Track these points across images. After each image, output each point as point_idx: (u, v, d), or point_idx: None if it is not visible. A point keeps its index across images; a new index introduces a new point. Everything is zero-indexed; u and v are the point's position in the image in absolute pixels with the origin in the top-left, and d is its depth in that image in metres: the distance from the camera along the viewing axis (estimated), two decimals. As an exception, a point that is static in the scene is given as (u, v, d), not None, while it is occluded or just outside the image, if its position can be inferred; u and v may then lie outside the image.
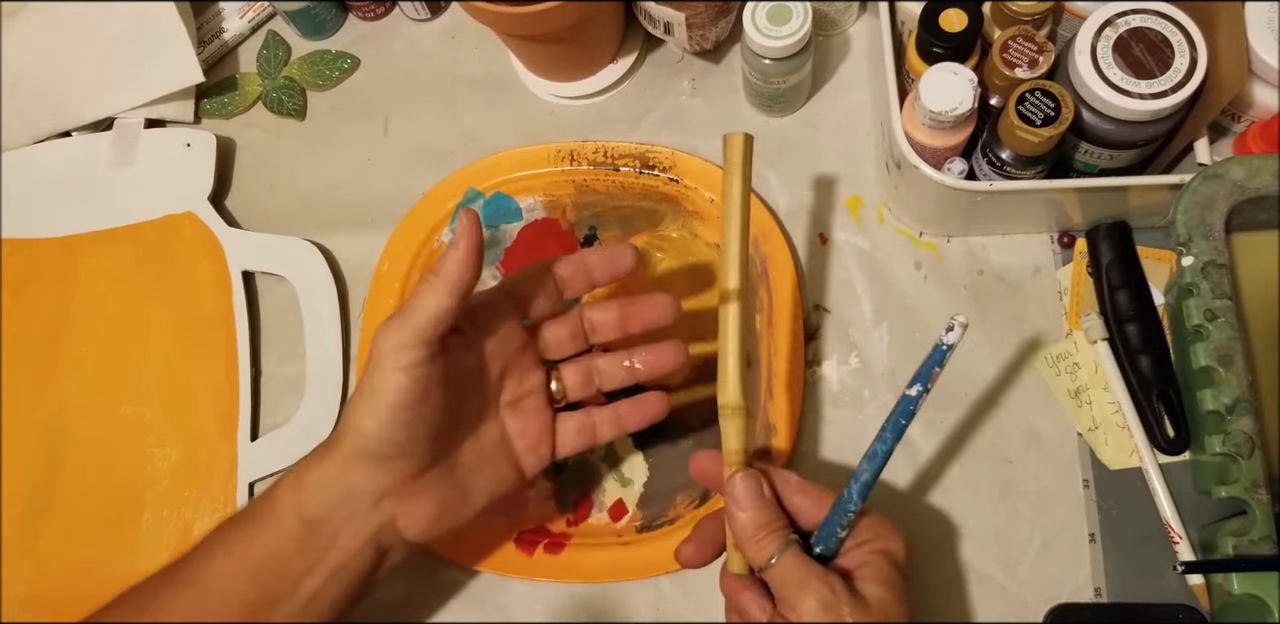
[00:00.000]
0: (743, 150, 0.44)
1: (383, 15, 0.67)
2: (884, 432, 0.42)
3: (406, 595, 0.55)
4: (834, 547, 0.43)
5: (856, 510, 0.42)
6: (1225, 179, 0.49)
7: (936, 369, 0.41)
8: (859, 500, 0.42)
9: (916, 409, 0.42)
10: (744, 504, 0.42)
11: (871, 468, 0.42)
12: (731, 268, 0.44)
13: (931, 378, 0.41)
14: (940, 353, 0.41)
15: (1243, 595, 0.47)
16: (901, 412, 0.42)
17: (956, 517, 0.54)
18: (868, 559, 0.42)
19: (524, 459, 0.49)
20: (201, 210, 0.62)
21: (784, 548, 0.41)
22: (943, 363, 0.41)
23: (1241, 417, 0.48)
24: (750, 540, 0.42)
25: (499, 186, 0.61)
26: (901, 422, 0.42)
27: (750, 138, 0.44)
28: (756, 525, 0.42)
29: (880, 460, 0.42)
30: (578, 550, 0.55)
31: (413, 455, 0.44)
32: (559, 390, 0.50)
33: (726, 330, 0.44)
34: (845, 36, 0.63)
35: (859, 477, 0.42)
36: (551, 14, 0.52)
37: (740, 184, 0.44)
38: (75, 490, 0.58)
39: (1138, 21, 0.48)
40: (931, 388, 0.41)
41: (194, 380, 0.59)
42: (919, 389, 0.41)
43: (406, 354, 0.42)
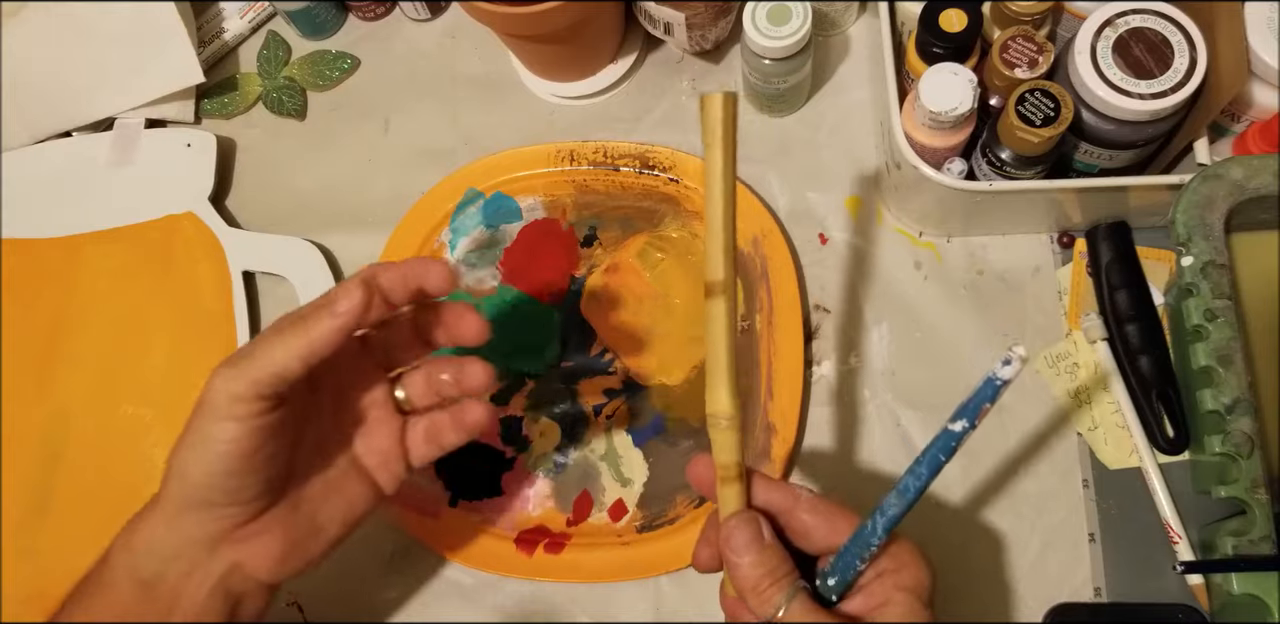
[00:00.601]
0: (724, 114, 0.36)
1: (383, 15, 0.67)
2: (918, 466, 0.37)
3: (407, 595, 0.55)
4: (851, 578, 0.38)
5: (880, 544, 0.38)
6: (1225, 179, 0.49)
7: (987, 405, 0.36)
8: (883, 534, 0.38)
9: (959, 446, 0.37)
10: (742, 551, 0.38)
11: (901, 503, 0.38)
12: (718, 257, 0.38)
13: (980, 414, 0.36)
14: (993, 388, 0.36)
15: (1242, 595, 0.47)
16: (941, 447, 0.37)
17: (956, 516, 0.54)
18: (890, 597, 0.37)
19: (378, 476, 0.45)
20: (202, 210, 0.62)
21: (790, 598, 0.37)
22: (994, 399, 0.36)
23: (1241, 417, 0.48)
24: (752, 592, 0.38)
25: (499, 186, 0.61)
26: (941, 458, 0.37)
27: (733, 96, 0.37)
28: (758, 576, 0.38)
29: (912, 497, 0.38)
30: (578, 550, 0.55)
31: (246, 501, 0.40)
32: (405, 401, 0.46)
33: (715, 329, 0.39)
34: (845, 37, 0.63)
35: (885, 511, 0.38)
36: (551, 14, 0.52)
37: (723, 156, 0.37)
38: (75, 490, 0.58)
39: (1137, 22, 0.48)
40: (979, 424, 0.37)
41: (194, 380, 0.58)
42: (964, 425, 0.36)
43: (244, 406, 0.38)
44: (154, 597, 0.40)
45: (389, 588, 0.56)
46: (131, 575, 0.40)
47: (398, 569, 0.56)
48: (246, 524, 0.41)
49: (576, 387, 0.58)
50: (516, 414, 0.58)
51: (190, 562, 0.40)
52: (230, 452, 0.38)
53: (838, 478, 0.56)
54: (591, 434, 0.57)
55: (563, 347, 0.59)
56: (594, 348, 0.59)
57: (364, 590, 0.56)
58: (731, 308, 0.39)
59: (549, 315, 0.59)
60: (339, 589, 0.56)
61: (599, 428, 0.57)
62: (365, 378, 0.45)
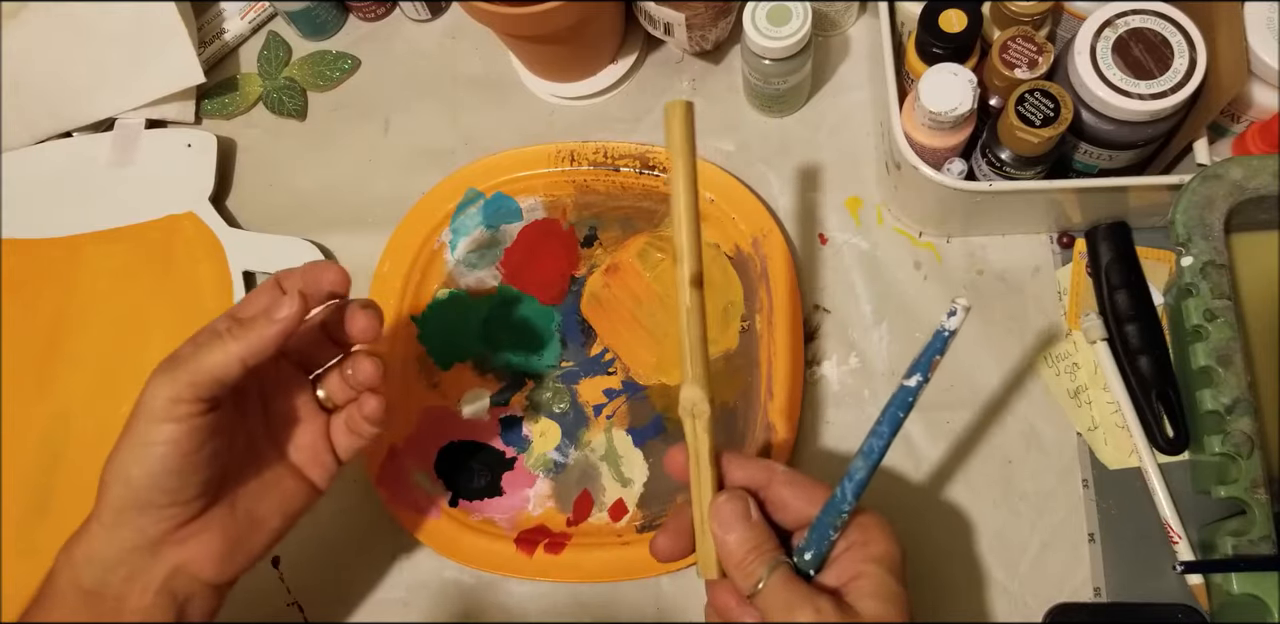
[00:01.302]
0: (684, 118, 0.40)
1: (383, 16, 0.68)
2: (879, 425, 0.39)
3: (406, 595, 0.55)
4: (825, 549, 0.40)
5: (850, 511, 0.39)
6: (1224, 179, 0.49)
7: (937, 357, 0.38)
8: (853, 500, 0.39)
9: (915, 401, 0.38)
10: (730, 527, 0.40)
11: (867, 465, 0.39)
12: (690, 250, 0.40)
13: (932, 366, 0.38)
14: (941, 339, 0.38)
15: (1242, 595, 0.47)
16: (899, 404, 0.38)
17: (956, 516, 0.54)
18: (861, 569, 0.39)
19: (310, 472, 0.47)
20: (202, 210, 0.62)
21: (771, 571, 0.38)
22: (944, 350, 0.38)
23: (1241, 417, 0.48)
24: (737, 567, 0.39)
25: (499, 187, 0.61)
26: (899, 414, 0.38)
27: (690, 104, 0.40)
28: (744, 551, 0.39)
29: (876, 457, 0.39)
30: (578, 550, 0.55)
31: (185, 502, 0.41)
32: (327, 399, 0.47)
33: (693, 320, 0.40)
34: (845, 37, 0.63)
35: (853, 475, 0.39)
36: (551, 14, 0.52)
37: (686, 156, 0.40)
38: (75, 490, 0.58)
39: (1137, 22, 0.48)
40: (931, 377, 0.38)
41: (194, 380, 0.59)
42: (919, 379, 0.38)
43: (183, 407, 0.39)
44: (99, 605, 0.40)
45: (389, 588, 0.56)
46: (75, 586, 0.41)
47: (398, 569, 0.56)
48: (186, 525, 0.42)
49: (576, 387, 0.58)
50: (516, 414, 0.58)
51: (132, 567, 0.41)
52: (170, 452, 0.39)
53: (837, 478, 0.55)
54: (591, 434, 0.57)
55: (563, 346, 0.59)
56: (594, 348, 0.59)
57: (364, 590, 0.56)
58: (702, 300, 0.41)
59: (549, 315, 0.59)
60: (339, 589, 0.56)
61: (599, 428, 0.57)
62: (288, 381, 0.47)
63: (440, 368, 0.59)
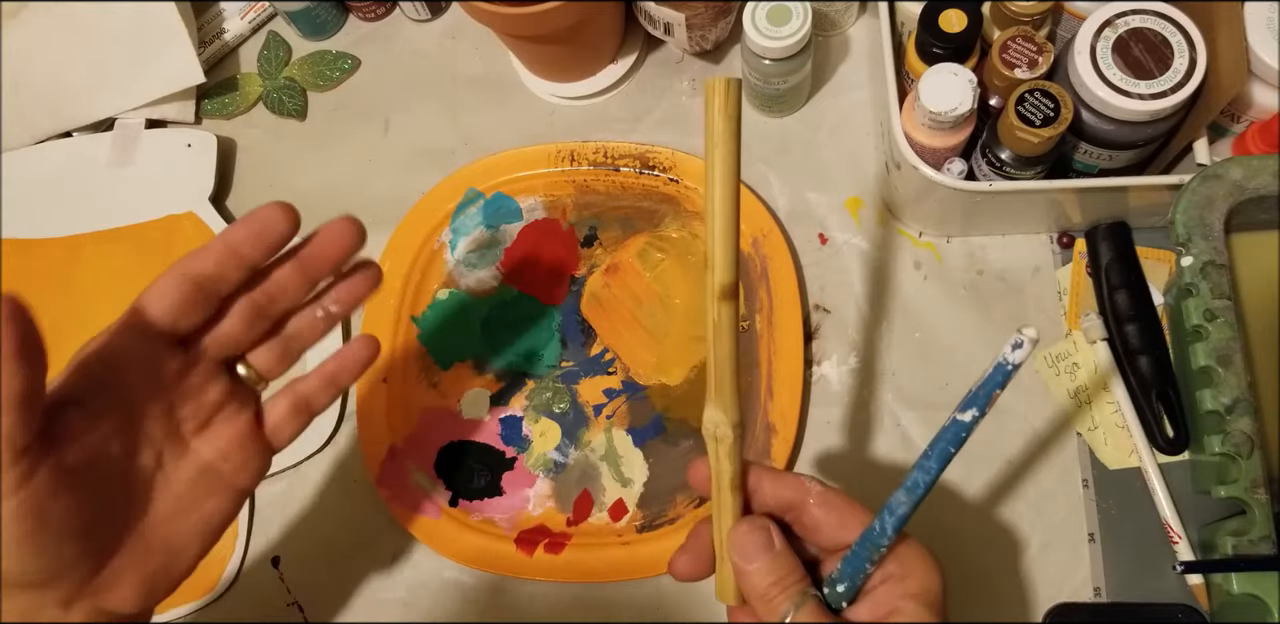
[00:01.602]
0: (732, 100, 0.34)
1: (383, 16, 0.68)
2: (927, 460, 0.36)
3: (406, 595, 0.55)
4: (860, 583, 0.37)
5: (888, 545, 0.36)
6: (1224, 179, 0.49)
7: (998, 391, 0.34)
8: (892, 534, 0.36)
9: (969, 436, 0.35)
10: (751, 557, 0.37)
11: (910, 501, 0.36)
12: (723, 259, 0.36)
13: (990, 401, 0.34)
14: (1004, 373, 0.34)
15: (1242, 595, 0.47)
16: (951, 439, 0.35)
17: (956, 516, 0.54)
18: (897, 606, 0.36)
19: (237, 479, 0.40)
20: (202, 210, 0.62)
21: (798, 605, 0.36)
22: (1004, 384, 0.34)
23: (1241, 417, 0.48)
24: (760, 599, 0.36)
25: (499, 187, 0.61)
26: (950, 450, 0.35)
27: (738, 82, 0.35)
28: (768, 583, 0.36)
29: (921, 493, 0.36)
30: (578, 550, 0.55)
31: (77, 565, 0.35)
32: (251, 377, 0.40)
33: (720, 336, 0.37)
34: (845, 37, 0.63)
35: (894, 510, 0.36)
36: (551, 14, 0.52)
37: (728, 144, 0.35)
38: (76, 490, 0.58)
39: (1137, 22, 0.48)
40: (989, 411, 0.35)
41: (194, 380, 0.59)
42: (974, 414, 0.34)
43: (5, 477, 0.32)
44: None
45: (389, 588, 0.56)
46: None
47: (398, 569, 0.56)
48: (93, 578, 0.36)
49: (576, 387, 0.58)
50: (516, 414, 0.58)
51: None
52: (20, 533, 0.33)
53: (838, 478, 0.56)
54: (591, 434, 0.57)
55: (563, 346, 0.59)
56: (594, 348, 0.59)
57: (364, 590, 0.56)
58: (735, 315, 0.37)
59: (549, 315, 0.59)
60: (339, 589, 0.56)
61: (599, 428, 0.57)
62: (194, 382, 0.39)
63: (440, 368, 0.59)
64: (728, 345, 0.37)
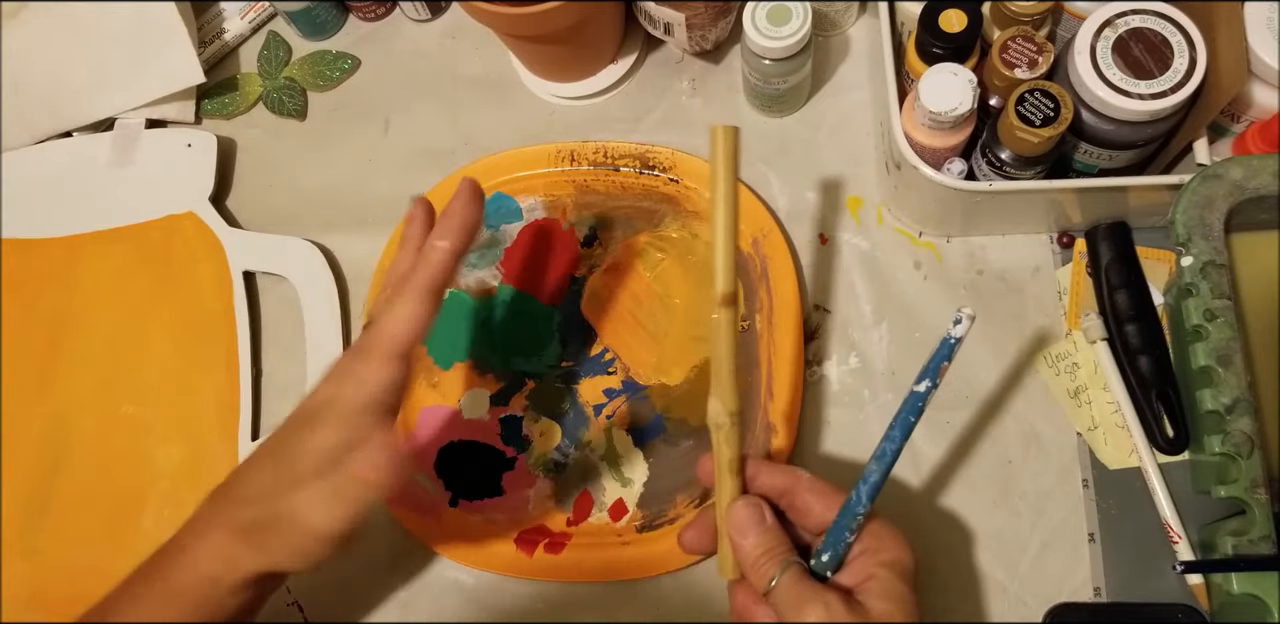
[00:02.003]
0: (728, 143, 0.42)
1: (383, 16, 0.68)
2: (892, 430, 0.41)
3: (406, 595, 0.55)
4: (842, 552, 0.41)
5: (865, 513, 0.41)
6: (1224, 179, 0.49)
7: (945, 363, 0.40)
8: (867, 502, 0.41)
9: (925, 406, 0.41)
10: (745, 532, 0.42)
11: (880, 468, 0.41)
12: (728, 269, 0.42)
13: (940, 372, 0.40)
14: (948, 346, 0.40)
15: (1242, 595, 0.47)
16: (910, 409, 0.41)
17: (956, 516, 0.54)
18: (873, 572, 0.40)
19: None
20: (202, 210, 0.62)
21: (783, 570, 0.40)
22: (951, 356, 0.40)
23: (1241, 416, 0.48)
24: (752, 567, 0.41)
25: (499, 186, 0.61)
26: (910, 419, 0.41)
27: (736, 130, 0.42)
28: (758, 553, 0.41)
29: (890, 460, 0.41)
30: (578, 550, 0.55)
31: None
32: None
33: (722, 338, 0.42)
34: (845, 37, 0.63)
35: (867, 478, 0.41)
36: (551, 14, 0.52)
37: (727, 179, 0.42)
38: (76, 490, 0.58)
39: (1137, 22, 0.48)
40: (940, 383, 0.40)
41: (195, 380, 0.59)
42: (927, 385, 0.40)
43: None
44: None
45: (389, 588, 0.56)
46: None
47: (398, 569, 0.56)
48: None
49: (576, 387, 0.58)
50: (516, 414, 0.58)
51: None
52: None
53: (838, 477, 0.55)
54: (591, 434, 0.57)
55: (563, 347, 0.59)
56: (594, 348, 0.59)
57: (364, 590, 0.56)
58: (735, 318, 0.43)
59: (549, 315, 0.59)
60: (339, 589, 0.56)
61: (599, 428, 0.57)
62: None
63: (440, 368, 0.59)
64: (727, 344, 0.42)
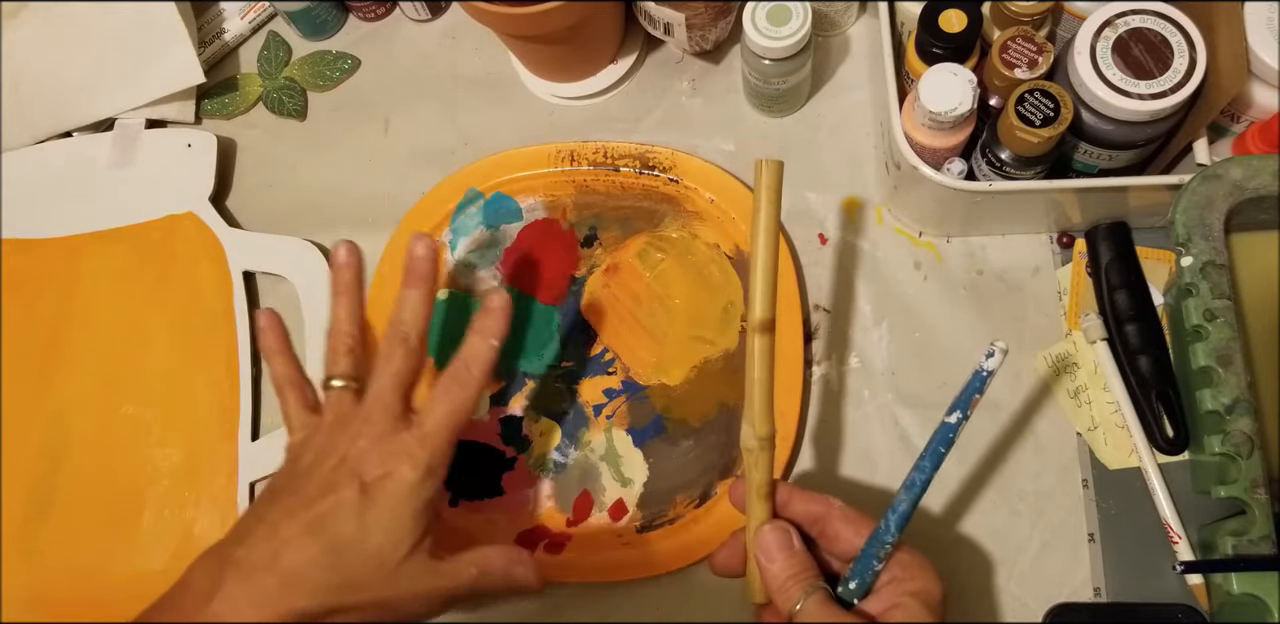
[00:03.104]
0: (772, 176, 0.42)
1: (383, 16, 0.68)
2: (922, 460, 0.41)
3: (407, 595, 0.55)
4: (869, 580, 0.41)
5: (893, 542, 0.41)
6: (1224, 179, 0.49)
7: (976, 396, 0.40)
8: (896, 532, 0.41)
9: (956, 437, 0.41)
10: (773, 556, 0.42)
11: (909, 498, 0.41)
12: (769, 296, 0.42)
13: (971, 405, 0.40)
14: (980, 379, 0.40)
15: (1242, 595, 0.47)
16: (940, 440, 0.41)
17: (956, 517, 0.54)
18: (899, 601, 0.40)
19: None
20: (202, 210, 0.62)
21: (808, 594, 0.40)
22: (983, 389, 0.40)
23: (1240, 417, 0.48)
24: (778, 591, 0.42)
25: (499, 187, 0.61)
26: (941, 450, 0.41)
27: (780, 164, 0.42)
28: (785, 577, 0.41)
29: (919, 490, 0.41)
30: (578, 550, 0.55)
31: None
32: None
33: (761, 363, 0.42)
34: (845, 37, 0.63)
35: (896, 507, 0.41)
36: (551, 14, 0.52)
37: (769, 212, 0.42)
38: (76, 490, 0.58)
39: (1137, 22, 0.48)
40: (971, 415, 0.40)
41: (195, 380, 0.59)
42: (958, 416, 0.40)
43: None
44: None
45: (389, 588, 0.56)
46: None
47: (398, 569, 0.56)
48: None
49: (576, 387, 0.58)
50: (516, 414, 0.58)
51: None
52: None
53: (838, 477, 0.56)
54: (591, 434, 0.57)
55: (563, 347, 0.59)
56: (594, 348, 0.59)
57: (364, 590, 0.56)
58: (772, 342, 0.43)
59: (549, 315, 0.59)
60: (339, 589, 0.56)
61: (599, 428, 0.57)
62: None
63: (440, 368, 0.59)
64: (763, 369, 0.42)
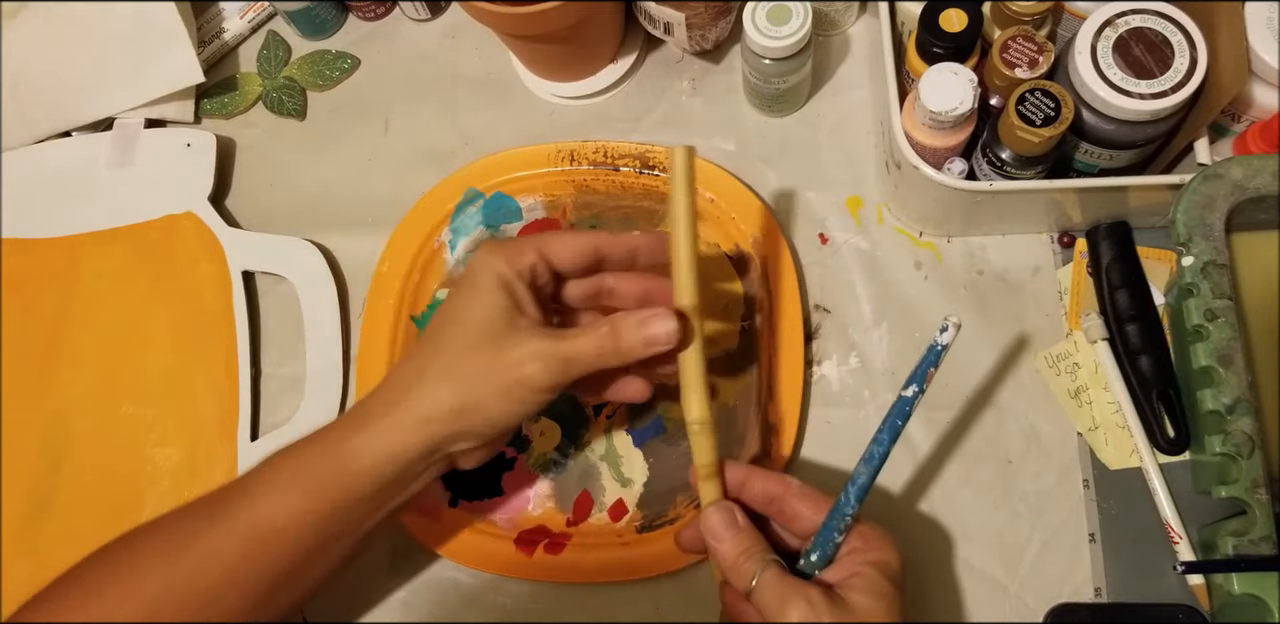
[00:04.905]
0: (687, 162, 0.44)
1: (383, 15, 0.67)
2: (880, 433, 0.42)
3: (406, 595, 0.55)
4: (830, 552, 0.42)
5: (854, 515, 0.42)
6: (1225, 179, 0.49)
7: (931, 369, 0.42)
8: (856, 504, 0.42)
9: (913, 410, 0.42)
10: (720, 536, 0.43)
11: (868, 471, 0.42)
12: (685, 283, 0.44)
13: (927, 378, 0.42)
14: (935, 353, 0.41)
15: (1243, 595, 0.47)
16: (898, 413, 0.42)
17: (957, 517, 0.54)
18: (858, 570, 0.41)
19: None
20: (201, 210, 0.62)
21: (762, 569, 0.41)
22: (937, 363, 0.42)
23: (1241, 416, 0.48)
24: (731, 569, 0.42)
25: (499, 186, 0.61)
26: (898, 423, 0.42)
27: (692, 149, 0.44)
28: (735, 554, 0.42)
29: (877, 463, 0.42)
30: (578, 550, 0.55)
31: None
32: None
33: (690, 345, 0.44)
34: (845, 36, 0.63)
35: (855, 480, 0.42)
36: (551, 14, 0.52)
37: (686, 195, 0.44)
38: (76, 490, 0.58)
39: (1137, 21, 0.48)
40: (927, 388, 0.42)
41: (194, 380, 0.59)
42: (914, 390, 0.42)
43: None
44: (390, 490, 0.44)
45: (389, 588, 0.56)
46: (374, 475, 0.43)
47: (398, 569, 0.56)
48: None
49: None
50: (516, 414, 0.58)
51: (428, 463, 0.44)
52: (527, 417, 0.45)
53: (837, 477, 0.56)
54: (591, 434, 0.57)
55: (563, 347, 0.59)
56: (594, 348, 0.58)
57: (364, 590, 0.56)
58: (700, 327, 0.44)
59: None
60: (339, 589, 0.56)
61: (599, 428, 0.57)
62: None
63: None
64: (694, 352, 0.44)
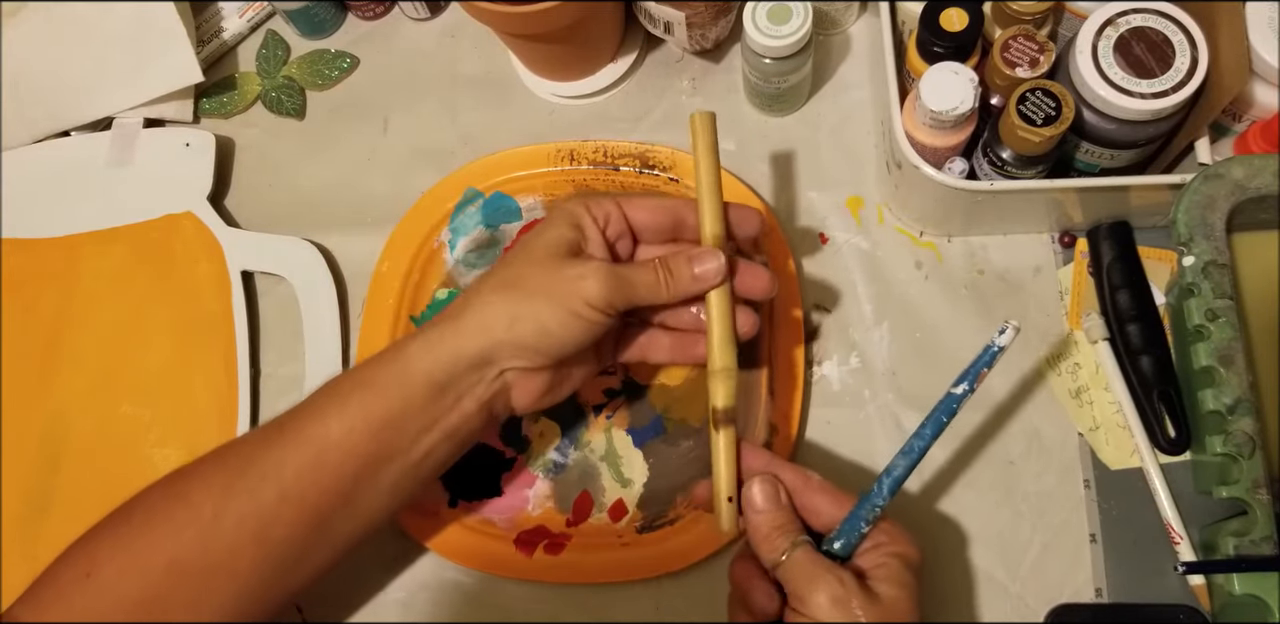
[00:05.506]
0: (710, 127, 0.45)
1: (382, 15, 0.67)
2: (923, 428, 0.43)
3: (407, 595, 0.55)
4: (855, 542, 0.43)
5: (884, 506, 0.42)
6: (1226, 179, 0.49)
7: (985, 370, 0.42)
8: (888, 494, 0.42)
9: (960, 408, 0.43)
10: (760, 507, 0.44)
11: (905, 463, 0.43)
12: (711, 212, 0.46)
13: (979, 378, 0.42)
14: (990, 354, 0.42)
15: (1243, 596, 0.47)
16: (944, 409, 0.43)
17: (958, 517, 0.54)
18: (883, 561, 0.43)
19: (603, 350, 0.50)
20: (201, 210, 0.62)
21: (795, 546, 0.42)
22: (991, 364, 0.42)
23: (1242, 417, 0.48)
24: (764, 540, 0.43)
25: (499, 186, 0.61)
26: (943, 419, 0.43)
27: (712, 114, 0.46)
28: (771, 527, 0.43)
29: (916, 456, 0.43)
30: (578, 550, 0.54)
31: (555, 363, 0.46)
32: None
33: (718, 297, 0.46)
34: (845, 36, 0.63)
35: (891, 472, 0.43)
36: (551, 14, 0.52)
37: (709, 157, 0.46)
38: (75, 491, 0.58)
39: (1139, 21, 0.48)
40: (977, 388, 0.42)
41: (194, 380, 0.59)
42: (965, 388, 0.42)
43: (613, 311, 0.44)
44: (441, 397, 0.45)
45: (389, 588, 0.56)
46: (428, 377, 0.44)
47: (398, 569, 0.56)
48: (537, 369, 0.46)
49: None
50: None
51: (480, 377, 0.45)
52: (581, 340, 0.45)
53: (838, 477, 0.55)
54: (591, 434, 0.57)
55: (563, 346, 0.59)
56: (594, 348, 0.58)
57: (364, 590, 0.56)
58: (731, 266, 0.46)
59: (549, 315, 0.59)
60: (339, 589, 0.56)
61: (599, 428, 0.57)
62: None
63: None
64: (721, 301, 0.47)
